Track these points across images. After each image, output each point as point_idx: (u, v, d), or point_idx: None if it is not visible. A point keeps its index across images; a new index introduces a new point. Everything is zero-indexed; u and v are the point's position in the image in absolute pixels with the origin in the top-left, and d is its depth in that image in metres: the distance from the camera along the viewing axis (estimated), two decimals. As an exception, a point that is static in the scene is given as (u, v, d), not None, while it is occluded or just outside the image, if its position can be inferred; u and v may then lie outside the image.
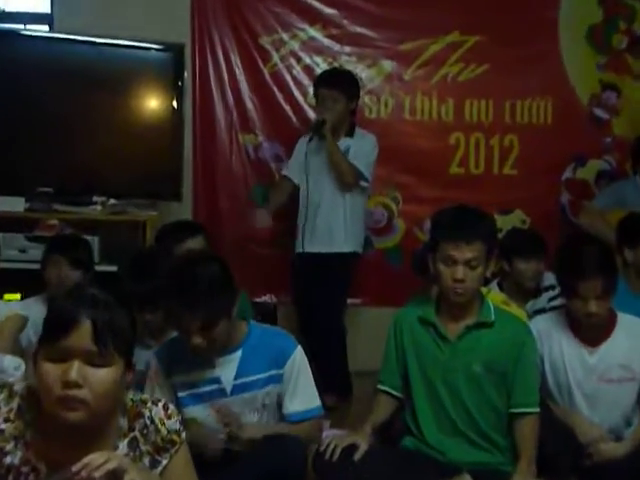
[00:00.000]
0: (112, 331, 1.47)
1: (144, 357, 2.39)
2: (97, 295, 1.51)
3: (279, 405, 2.30)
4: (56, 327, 1.47)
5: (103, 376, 1.47)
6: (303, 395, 2.28)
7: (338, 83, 3.74)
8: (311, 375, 2.33)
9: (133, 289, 2.48)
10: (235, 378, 2.22)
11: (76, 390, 1.44)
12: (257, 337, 2.27)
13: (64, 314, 1.48)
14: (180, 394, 2.24)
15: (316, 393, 2.33)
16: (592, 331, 2.52)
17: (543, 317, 2.74)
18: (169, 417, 1.61)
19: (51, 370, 1.45)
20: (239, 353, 2.23)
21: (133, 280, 2.53)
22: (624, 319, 2.54)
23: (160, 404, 1.63)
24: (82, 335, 1.45)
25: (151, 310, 2.50)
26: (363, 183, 3.78)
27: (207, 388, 2.23)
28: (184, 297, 2.09)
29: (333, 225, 3.76)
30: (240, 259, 4.13)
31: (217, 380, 2.23)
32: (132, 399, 1.62)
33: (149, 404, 1.61)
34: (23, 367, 2.46)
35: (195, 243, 3.06)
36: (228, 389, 2.23)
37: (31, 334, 2.86)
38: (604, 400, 2.53)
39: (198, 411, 2.24)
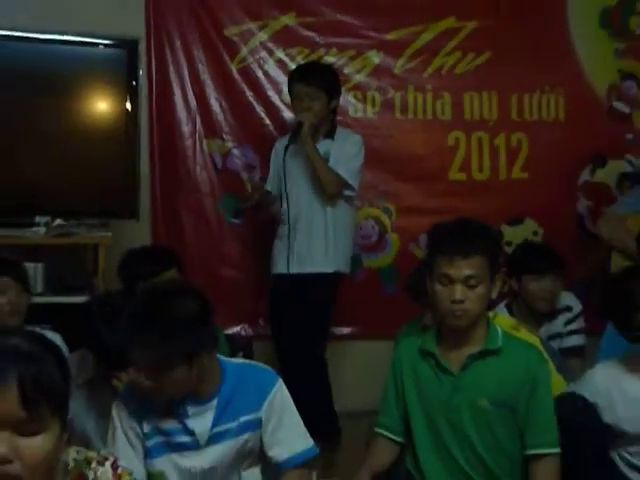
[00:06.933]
0: (43, 389, 1.40)
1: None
2: (20, 345, 1.43)
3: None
4: None
5: (37, 446, 1.40)
6: (291, 437, 2.31)
7: (315, 78, 3.80)
8: (296, 411, 2.35)
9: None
10: (211, 429, 2.27)
11: (7, 466, 1.38)
12: (233, 377, 2.31)
13: None
14: (148, 443, 2.30)
15: (306, 432, 2.35)
16: None
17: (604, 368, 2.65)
18: (119, 478, 1.60)
19: None
20: (215, 402, 2.28)
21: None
22: None
23: (108, 463, 1.62)
24: (7, 400, 1.38)
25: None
26: (348, 192, 3.87)
27: (179, 439, 2.29)
28: (155, 326, 2.13)
29: (313, 242, 3.84)
30: (208, 284, 4.17)
31: (190, 432, 2.27)
32: (75, 459, 1.60)
33: (94, 464, 1.60)
34: None
35: (168, 277, 3.11)
36: (202, 440, 2.28)
37: None
38: None
39: (166, 463, 2.29)
